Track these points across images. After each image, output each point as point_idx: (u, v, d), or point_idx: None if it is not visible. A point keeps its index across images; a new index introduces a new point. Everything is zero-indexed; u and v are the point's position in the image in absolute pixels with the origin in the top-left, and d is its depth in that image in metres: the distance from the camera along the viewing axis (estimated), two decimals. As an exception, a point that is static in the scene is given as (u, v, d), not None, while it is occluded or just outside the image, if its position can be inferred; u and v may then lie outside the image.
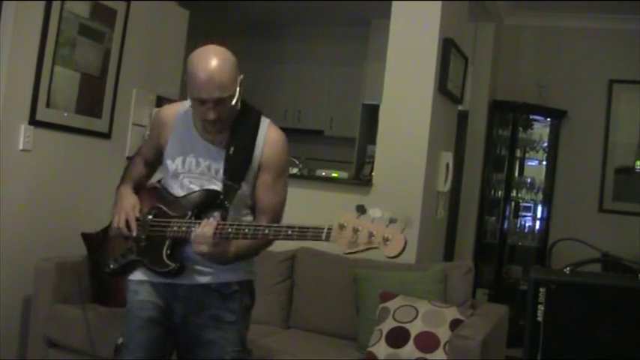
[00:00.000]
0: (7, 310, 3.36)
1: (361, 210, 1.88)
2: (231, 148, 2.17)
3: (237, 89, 2.09)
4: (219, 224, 2.05)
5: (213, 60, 2.03)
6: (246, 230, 2.03)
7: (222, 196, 2.15)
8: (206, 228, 2.03)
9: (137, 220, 2.24)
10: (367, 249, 1.88)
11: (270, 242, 2.21)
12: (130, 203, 2.25)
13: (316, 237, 1.93)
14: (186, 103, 2.26)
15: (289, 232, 1.98)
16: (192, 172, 2.21)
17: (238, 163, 2.17)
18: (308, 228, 1.94)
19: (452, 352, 2.74)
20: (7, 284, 3.33)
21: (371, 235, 1.85)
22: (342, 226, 1.88)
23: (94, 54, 3.72)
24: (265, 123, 2.24)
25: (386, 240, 1.84)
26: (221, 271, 2.22)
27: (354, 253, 1.89)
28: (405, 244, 1.85)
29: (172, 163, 2.24)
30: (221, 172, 2.17)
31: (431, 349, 2.86)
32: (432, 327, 2.92)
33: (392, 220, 1.85)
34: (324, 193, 3.89)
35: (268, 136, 2.22)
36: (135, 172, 2.38)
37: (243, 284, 2.28)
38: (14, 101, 3.30)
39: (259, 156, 2.20)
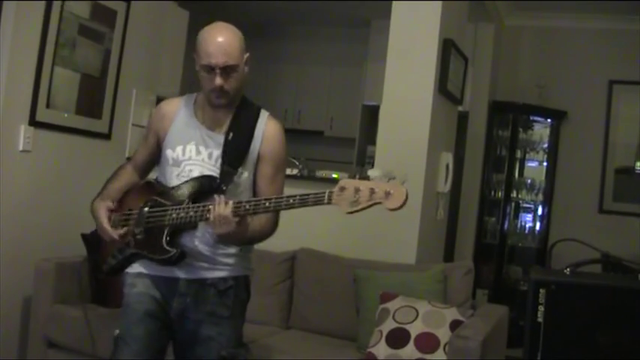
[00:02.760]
0: (7, 310, 3.36)
1: (360, 173, 1.90)
2: (230, 134, 2.21)
3: (243, 63, 2.18)
4: (228, 202, 2.04)
5: (223, 30, 2.15)
6: (247, 206, 2.03)
7: (218, 180, 2.16)
8: (221, 206, 2.02)
9: (126, 215, 2.25)
10: (369, 206, 1.88)
11: (272, 229, 2.24)
12: (103, 214, 2.25)
13: (318, 201, 1.94)
14: (186, 97, 2.32)
15: (290, 201, 1.98)
16: (192, 159, 2.22)
17: (236, 149, 2.20)
18: (309, 194, 1.95)
19: (452, 352, 2.74)
20: (7, 284, 3.33)
21: (372, 191, 1.87)
22: (342, 189, 1.90)
23: (94, 54, 3.73)
24: (265, 115, 2.29)
25: (387, 194, 1.86)
26: (218, 266, 2.23)
27: (357, 211, 1.89)
28: (407, 195, 1.86)
29: (173, 152, 2.25)
30: (220, 157, 2.20)
31: (431, 350, 2.86)
32: (432, 328, 2.92)
33: (391, 177, 1.87)
34: (324, 194, 3.89)
35: (268, 127, 2.26)
36: (112, 186, 2.36)
37: (239, 279, 2.29)
38: (14, 102, 3.30)
39: (258, 146, 2.23)
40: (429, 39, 3.75)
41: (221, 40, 2.12)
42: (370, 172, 1.90)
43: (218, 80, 2.12)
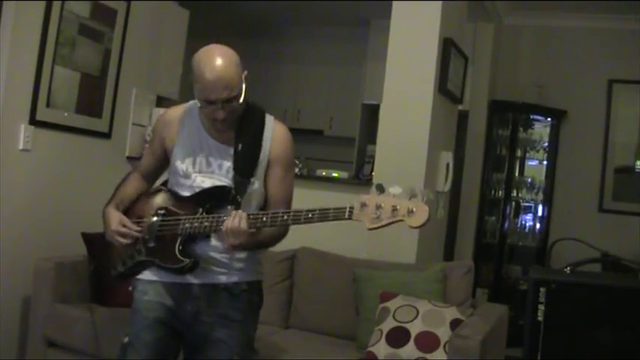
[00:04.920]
0: (6, 310, 3.36)
1: (380, 189, 1.90)
2: (240, 145, 2.19)
3: (243, 86, 2.12)
4: (249, 215, 2.05)
5: (218, 60, 2.05)
6: (265, 219, 2.04)
7: (233, 191, 2.16)
8: (236, 220, 2.02)
9: (137, 223, 2.24)
10: (391, 222, 1.88)
11: (285, 233, 2.24)
12: (115, 221, 2.23)
13: (338, 217, 1.94)
14: (191, 104, 2.28)
15: (310, 215, 1.98)
16: (203, 171, 2.22)
17: (247, 159, 2.19)
18: (329, 209, 1.95)
19: (452, 351, 2.74)
20: (6, 284, 3.33)
21: (394, 208, 1.87)
22: (363, 205, 1.89)
23: (94, 54, 3.73)
24: (270, 119, 2.27)
25: (410, 212, 1.86)
26: (231, 271, 2.23)
27: (378, 228, 1.90)
28: (430, 214, 1.86)
29: (182, 164, 2.23)
30: (232, 169, 2.19)
31: (431, 349, 2.86)
32: (432, 327, 2.92)
33: (413, 195, 1.87)
34: (325, 193, 3.90)
35: (275, 131, 2.25)
36: (124, 191, 2.36)
37: (252, 284, 2.29)
38: (14, 101, 3.30)
39: (268, 151, 2.22)
40: (429, 38, 3.75)
41: (218, 72, 2.03)
42: (392, 189, 1.89)
43: (220, 114, 2.09)
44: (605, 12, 5.47)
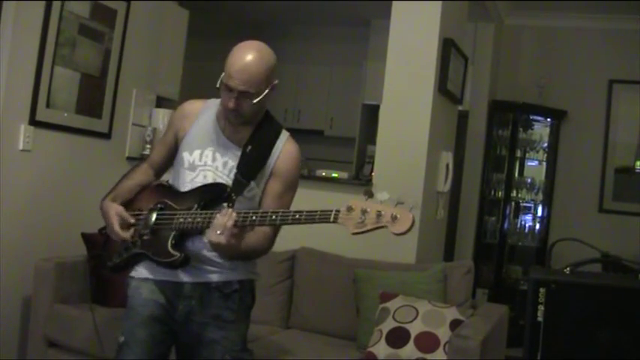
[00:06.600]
0: (7, 310, 3.36)
1: (369, 194, 1.91)
2: (248, 147, 2.21)
3: (266, 91, 2.14)
4: (239, 213, 2.04)
5: (251, 54, 2.10)
6: (254, 217, 2.04)
7: (229, 189, 2.17)
8: (225, 217, 2.02)
9: (136, 216, 2.26)
10: (375, 228, 1.89)
11: (273, 241, 2.24)
12: (113, 215, 2.23)
13: (324, 219, 1.95)
14: (211, 101, 2.31)
15: (297, 216, 1.99)
16: (207, 165, 2.23)
17: (251, 162, 2.20)
18: (316, 211, 1.96)
19: (452, 352, 2.74)
20: (7, 284, 3.33)
21: (379, 214, 1.88)
22: (350, 209, 1.91)
23: (94, 54, 3.73)
24: (285, 135, 2.30)
25: (394, 218, 1.86)
26: (223, 269, 2.23)
27: (362, 233, 1.91)
28: (414, 221, 1.87)
29: (190, 156, 2.25)
30: (235, 168, 2.20)
31: (431, 350, 2.86)
32: (431, 327, 2.92)
33: (399, 202, 1.88)
34: (324, 193, 3.89)
35: (286, 146, 2.27)
36: (124, 184, 2.36)
37: (244, 283, 2.29)
38: (14, 101, 3.30)
39: (273, 163, 2.24)
40: (429, 38, 3.76)
41: (245, 64, 2.07)
42: (379, 195, 1.90)
43: (232, 103, 2.11)
44: (605, 12, 5.48)
